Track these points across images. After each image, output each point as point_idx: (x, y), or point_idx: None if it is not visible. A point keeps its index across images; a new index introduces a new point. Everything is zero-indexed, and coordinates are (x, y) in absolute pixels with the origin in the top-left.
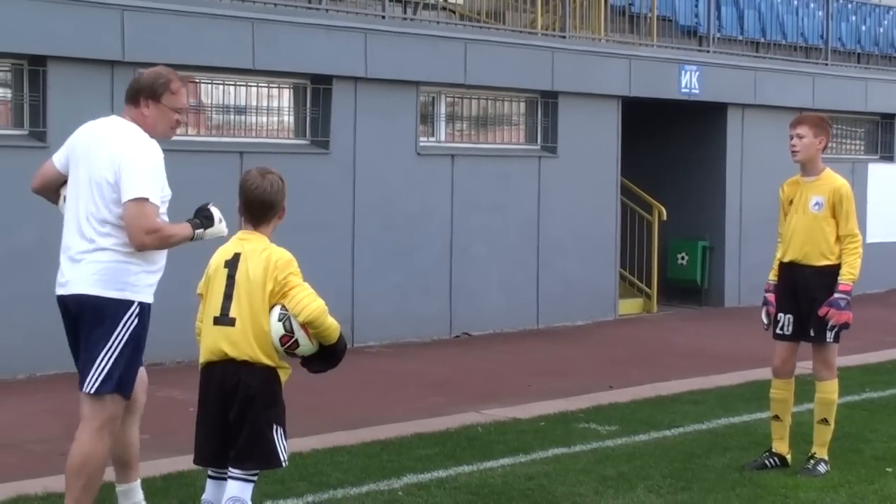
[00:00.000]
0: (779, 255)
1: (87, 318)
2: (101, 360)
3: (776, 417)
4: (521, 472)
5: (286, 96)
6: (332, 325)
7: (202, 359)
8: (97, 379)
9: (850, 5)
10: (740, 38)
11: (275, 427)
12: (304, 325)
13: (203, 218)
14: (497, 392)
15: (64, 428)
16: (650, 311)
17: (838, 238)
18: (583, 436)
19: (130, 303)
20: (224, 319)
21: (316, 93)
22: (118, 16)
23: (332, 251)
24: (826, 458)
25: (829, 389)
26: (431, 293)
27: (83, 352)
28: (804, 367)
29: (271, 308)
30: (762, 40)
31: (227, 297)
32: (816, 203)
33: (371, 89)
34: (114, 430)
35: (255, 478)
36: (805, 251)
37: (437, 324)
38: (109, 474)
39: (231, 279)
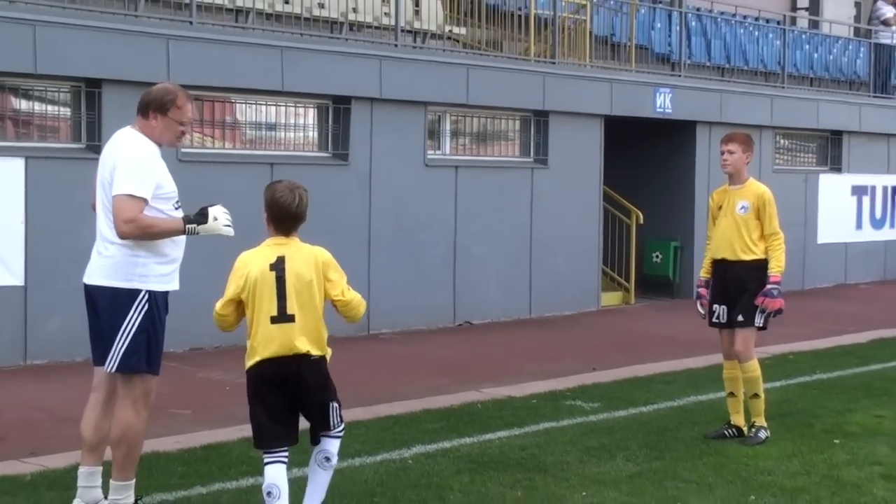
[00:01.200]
0: (710, 255)
1: (103, 306)
2: (118, 343)
3: (731, 394)
4: (515, 443)
5: (311, 115)
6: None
7: (261, 356)
8: (116, 359)
9: (803, 35)
10: (708, 64)
11: (334, 398)
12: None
13: (199, 216)
14: (494, 373)
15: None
16: (628, 303)
17: (761, 236)
18: (569, 412)
19: (138, 291)
20: (283, 318)
21: (337, 112)
22: (164, 44)
23: (351, 251)
24: (765, 425)
25: (753, 368)
26: (437, 287)
27: (104, 336)
28: (778, 349)
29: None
30: (727, 66)
31: (281, 296)
32: (743, 207)
33: (385, 109)
34: (149, 403)
35: (342, 434)
36: (734, 248)
37: (442, 314)
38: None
39: (281, 280)
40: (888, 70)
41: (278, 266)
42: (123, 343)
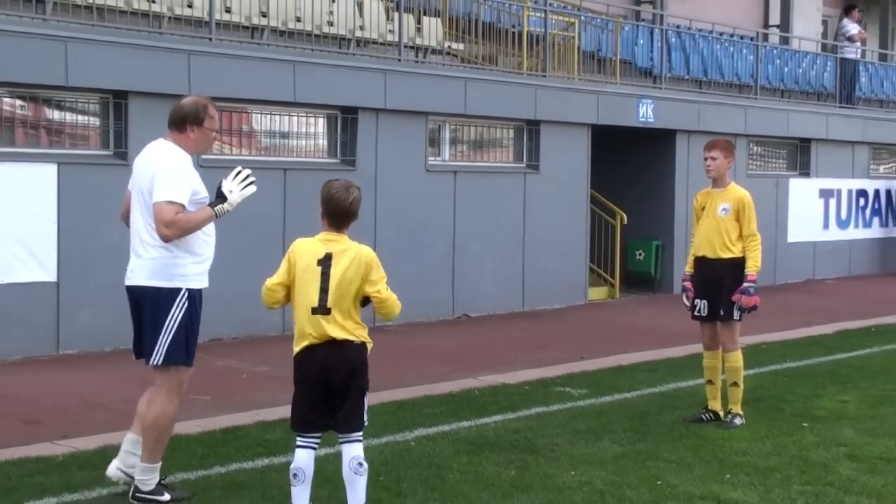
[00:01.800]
0: (693, 252)
1: (147, 305)
2: (162, 338)
3: (710, 382)
4: (509, 427)
5: (321, 124)
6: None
7: (302, 344)
8: (161, 354)
9: (775, 51)
10: (687, 77)
11: (366, 393)
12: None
13: (218, 198)
14: (490, 362)
15: (143, 390)
16: (614, 298)
17: (740, 236)
18: (559, 397)
19: (179, 290)
20: (321, 310)
21: (345, 121)
22: (185, 58)
23: None
24: (741, 412)
25: (736, 359)
26: (437, 282)
27: (147, 332)
28: (752, 340)
29: None
30: (704, 79)
31: (324, 290)
32: (724, 209)
33: (389, 118)
34: (181, 393)
35: (363, 436)
36: (713, 247)
37: (442, 307)
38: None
39: (325, 276)
40: (853, 82)
41: (325, 262)
42: (167, 338)
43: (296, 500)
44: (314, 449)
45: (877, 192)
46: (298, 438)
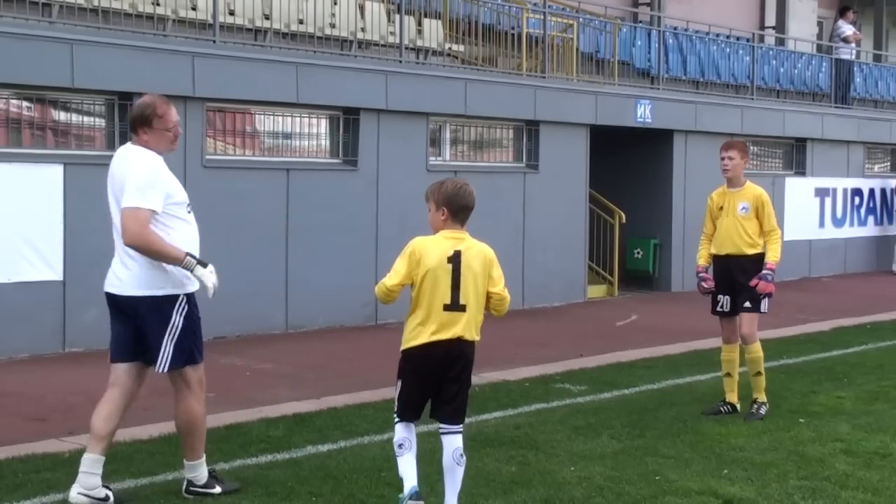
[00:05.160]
0: (710, 250)
1: (145, 314)
2: (166, 345)
3: (728, 374)
4: (510, 423)
5: (323, 124)
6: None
7: (424, 338)
8: (167, 360)
9: (771, 52)
10: (684, 77)
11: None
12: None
13: (202, 261)
14: (490, 359)
15: (147, 388)
16: (612, 295)
17: (760, 233)
18: (558, 394)
19: (177, 296)
20: (455, 306)
21: (347, 122)
22: (189, 60)
23: (360, 248)
24: (765, 400)
25: (756, 350)
26: None
27: (151, 341)
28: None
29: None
30: (701, 79)
31: (455, 287)
32: (743, 207)
33: (391, 119)
34: (203, 387)
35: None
36: (737, 245)
37: None
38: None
39: (457, 273)
40: (847, 83)
41: (455, 259)
42: (171, 344)
43: (404, 467)
44: (413, 423)
45: (871, 191)
46: (399, 420)
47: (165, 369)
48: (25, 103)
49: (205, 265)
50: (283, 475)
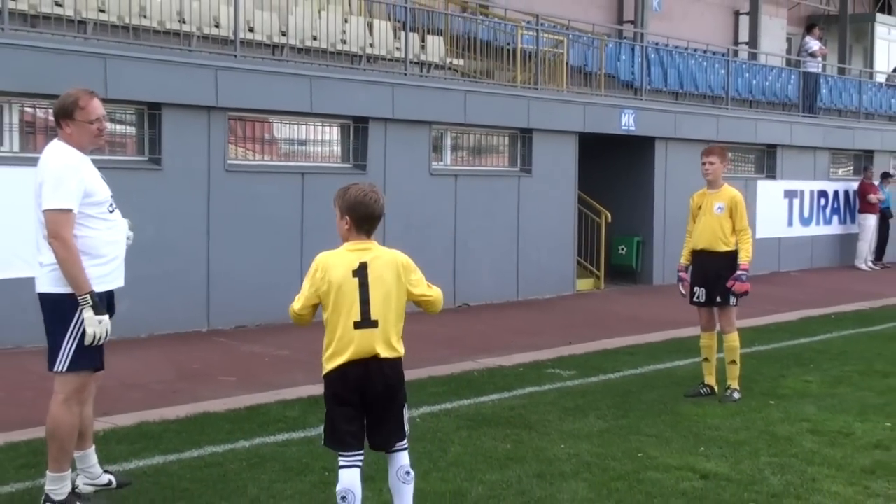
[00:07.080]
0: (690, 246)
1: (47, 312)
2: (66, 345)
3: (706, 359)
4: (505, 405)
5: (335, 132)
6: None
7: (343, 359)
8: (65, 361)
9: (744, 65)
10: (664, 89)
11: (405, 405)
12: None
13: (99, 307)
14: (488, 347)
15: (175, 373)
16: (599, 288)
17: (733, 231)
18: (550, 378)
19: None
20: (366, 323)
21: (357, 130)
22: (213, 73)
23: None
24: (738, 388)
25: (733, 339)
26: (440, 275)
27: (49, 338)
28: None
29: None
30: (680, 91)
31: (364, 302)
32: (719, 207)
33: (397, 127)
34: (80, 399)
35: (406, 444)
36: (711, 241)
37: (444, 297)
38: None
39: (364, 287)
40: (814, 94)
41: (361, 273)
42: (71, 345)
43: None
44: (360, 468)
45: (836, 193)
46: (341, 458)
47: (64, 369)
48: None
49: (100, 312)
50: (299, 452)
